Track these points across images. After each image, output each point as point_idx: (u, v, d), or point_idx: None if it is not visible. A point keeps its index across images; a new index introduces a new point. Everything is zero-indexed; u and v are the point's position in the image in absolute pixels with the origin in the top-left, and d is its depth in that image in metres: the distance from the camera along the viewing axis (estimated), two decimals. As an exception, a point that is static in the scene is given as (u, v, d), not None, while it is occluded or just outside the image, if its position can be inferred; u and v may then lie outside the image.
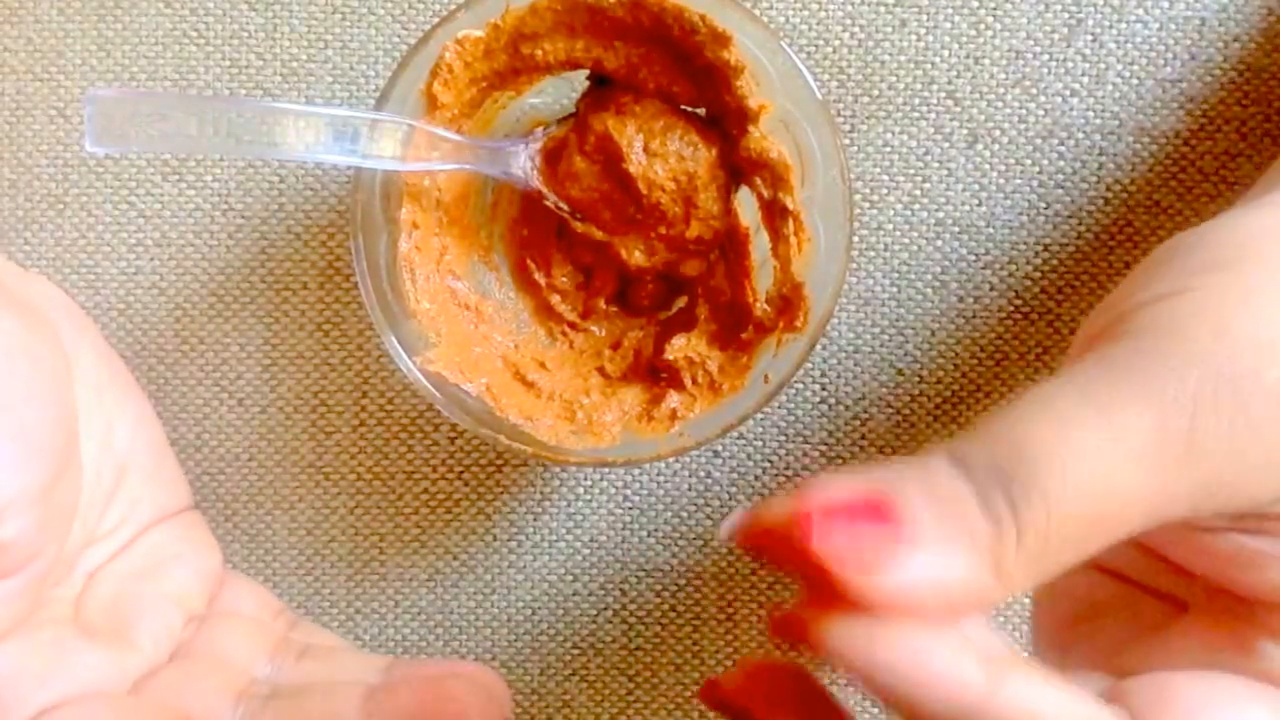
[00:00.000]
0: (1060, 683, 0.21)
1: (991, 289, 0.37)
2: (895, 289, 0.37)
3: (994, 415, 0.21)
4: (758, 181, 0.33)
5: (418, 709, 0.29)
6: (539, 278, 0.36)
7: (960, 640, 0.20)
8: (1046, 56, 0.36)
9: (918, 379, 0.37)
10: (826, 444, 0.37)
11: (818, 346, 0.33)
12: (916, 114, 0.36)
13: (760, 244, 0.34)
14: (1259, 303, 0.22)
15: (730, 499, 0.38)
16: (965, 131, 0.36)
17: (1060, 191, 0.36)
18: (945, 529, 0.20)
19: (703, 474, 0.38)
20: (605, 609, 0.38)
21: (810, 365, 0.37)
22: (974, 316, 0.37)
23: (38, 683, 0.29)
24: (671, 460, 0.38)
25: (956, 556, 0.20)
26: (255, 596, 0.34)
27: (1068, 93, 0.36)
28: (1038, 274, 0.37)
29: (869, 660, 0.20)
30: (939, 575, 0.20)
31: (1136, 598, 0.27)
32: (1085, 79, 0.36)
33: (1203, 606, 0.25)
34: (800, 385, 0.37)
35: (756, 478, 0.38)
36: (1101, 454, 0.21)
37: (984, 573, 0.20)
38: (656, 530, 0.38)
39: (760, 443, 0.37)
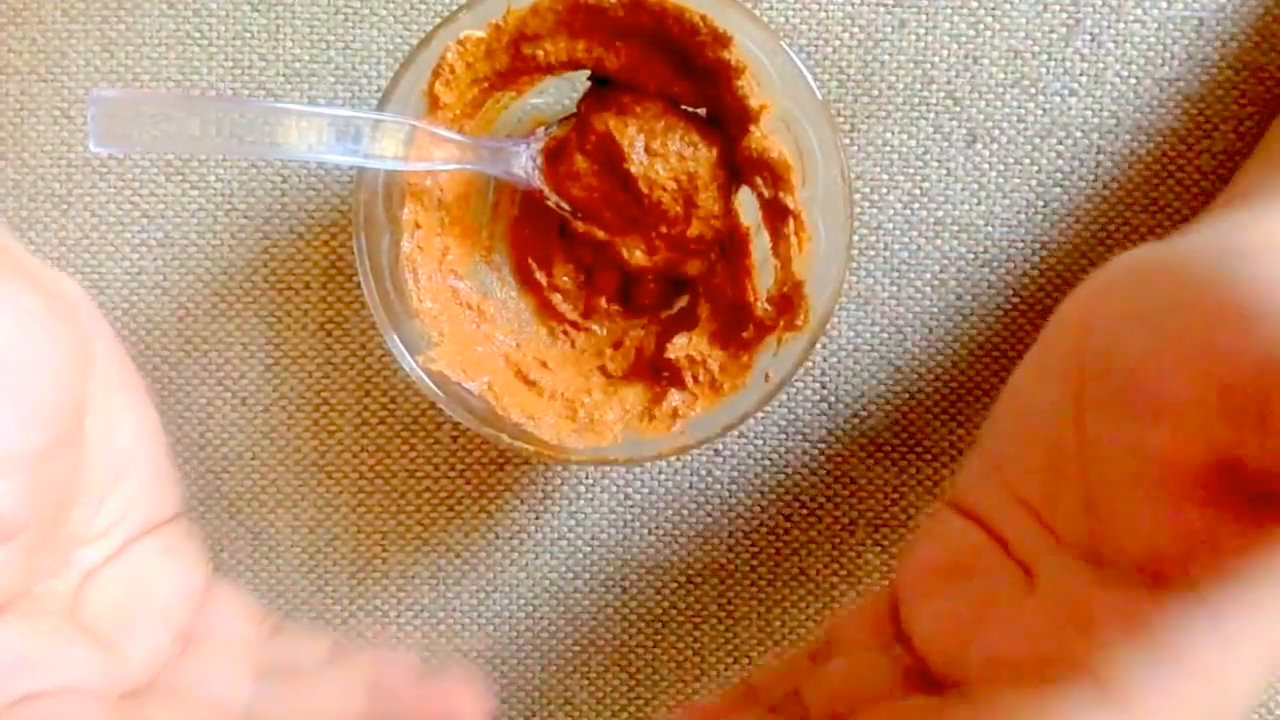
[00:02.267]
0: None
1: (990, 288, 0.37)
2: (895, 288, 0.37)
3: None
4: (758, 181, 0.33)
5: None
6: (540, 277, 0.36)
7: None
8: (1045, 56, 0.36)
9: (917, 377, 0.37)
10: (826, 443, 0.38)
11: (818, 345, 0.33)
12: (916, 113, 0.36)
13: (761, 243, 0.34)
14: None
15: (731, 497, 0.38)
16: (964, 131, 0.37)
17: (1058, 190, 0.37)
18: None
19: (704, 472, 0.38)
20: (606, 607, 0.38)
21: (810, 364, 0.37)
22: (973, 315, 0.37)
23: (28, 668, 0.29)
24: (672, 459, 0.38)
25: None
26: (239, 609, 0.33)
27: (1066, 92, 0.36)
28: (1036, 272, 0.37)
29: None
30: None
31: (996, 562, 0.28)
32: (1083, 78, 0.36)
33: (1050, 578, 0.26)
34: (800, 384, 0.37)
35: (757, 476, 0.38)
36: None
37: None
38: (657, 529, 0.38)
39: (760, 441, 0.38)
